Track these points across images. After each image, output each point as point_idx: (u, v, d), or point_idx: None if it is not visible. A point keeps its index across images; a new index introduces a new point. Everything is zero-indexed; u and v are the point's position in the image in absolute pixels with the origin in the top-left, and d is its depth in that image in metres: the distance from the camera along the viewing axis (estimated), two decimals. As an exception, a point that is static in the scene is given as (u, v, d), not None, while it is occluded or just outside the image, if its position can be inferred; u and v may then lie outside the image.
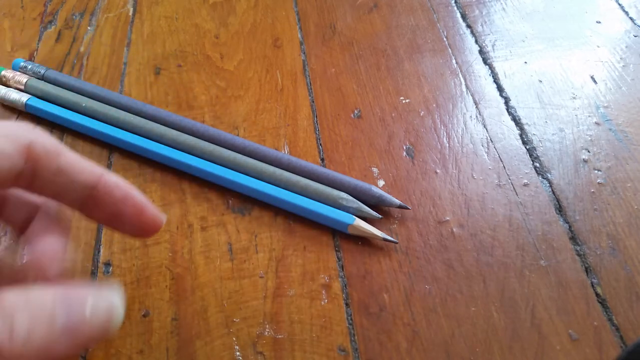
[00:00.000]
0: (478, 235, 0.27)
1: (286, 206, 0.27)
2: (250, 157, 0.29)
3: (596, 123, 0.31)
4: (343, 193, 0.27)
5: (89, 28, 0.40)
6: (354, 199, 0.27)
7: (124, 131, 0.31)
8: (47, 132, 0.32)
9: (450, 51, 0.36)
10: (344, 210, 0.27)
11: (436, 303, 0.24)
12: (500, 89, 0.34)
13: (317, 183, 0.28)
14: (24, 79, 0.33)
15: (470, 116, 0.32)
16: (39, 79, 0.34)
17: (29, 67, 0.34)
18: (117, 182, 0.20)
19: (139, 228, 0.20)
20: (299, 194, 0.27)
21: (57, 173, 0.19)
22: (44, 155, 0.19)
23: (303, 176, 0.28)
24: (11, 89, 0.33)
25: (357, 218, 0.26)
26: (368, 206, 0.27)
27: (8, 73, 0.34)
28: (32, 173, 0.19)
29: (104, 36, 0.39)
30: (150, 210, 0.20)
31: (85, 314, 0.16)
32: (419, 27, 0.38)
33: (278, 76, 0.35)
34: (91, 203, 0.20)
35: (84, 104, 0.32)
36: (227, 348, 0.23)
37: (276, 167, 0.29)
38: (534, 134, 0.31)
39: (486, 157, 0.30)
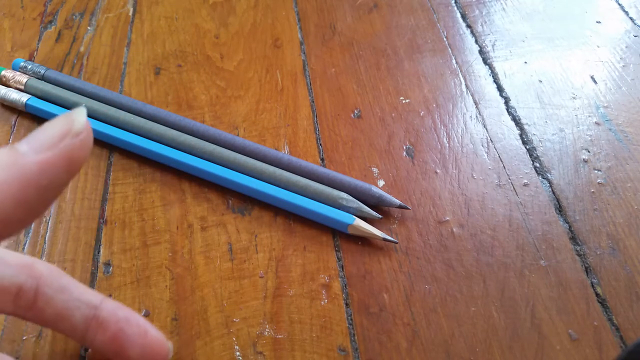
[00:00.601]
0: (478, 235, 0.27)
1: (286, 206, 0.27)
2: (250, 157, 0.29)
3: (596, 123, 0.31)
4: (343, 193, 0.27)
5: (89, 28, 0.40)
6: (354, 199, 0.27)
7: (124, 131, 0.31)
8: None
9: (450, 51, 0.36)
10: (344, 210, 0.27)
11: (436, 303, 0.24)
12: (500, 89, 0.34)
13: (317, 183, 0.28)
14: (24, 79, 0.33)
15: (470, 116, 0.32)
16: (39, 79, 0.34)
17: (29, 67, 0.34)
18: (118, 303, 0.20)
19: (145, 352, 0.20)
20: (299, 194, 0.27)
21: (61, 290, 0.19)
22: (47, 273, 0.19)
23: (303, 176, 0.28)
24: (11, 89, 0.33)
25: (357, 218, 0.26)
26: (368, 206, 0.27)
27: (8, 73, 0.34)
28: (34, 293, 0.19)
29: (104, 36, 0.39)
30: (154, 331, 0.20)
31: (42, 127, 0.16)
32: (419, 27, 0.38)
33: (278, 76, 0.35)
34: (94, 324, 0.19)
35: (83, 104, 0.32)
36: (227, 348, 0.23)
37: (276, 167, 0.29)
38: (534, 134, 0.31)
39: (486, 157, 0.30)
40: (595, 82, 0.34)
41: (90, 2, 0.42)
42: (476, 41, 0.37)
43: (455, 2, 0.40)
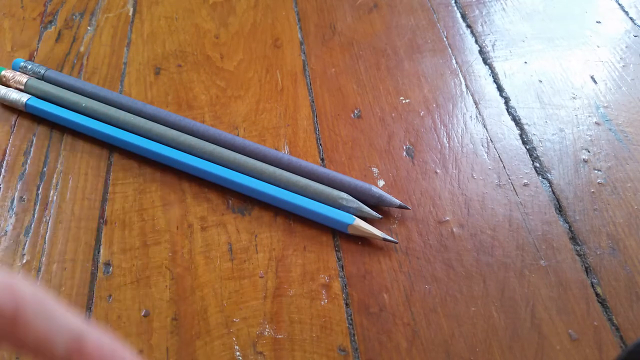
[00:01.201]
0: (478, 235, 0.27)
1: (286, 206, 0.27)
2: (250, 157, 0.29)
3: (596, 123, 0.31)
4: (343, 193, 0.27)
5: (89, 28, 0.40)
6: (354, 199, 0.27)
7: (124, 131, 0.31)
8: (47, 131, 0.32)
9: (450, 51, 0.36)
10: (344, 210, 0.27)
11: (436, 303, 0.24)
12: (500, 89, 0.34)
13: (317, 183, 0.28)
14: (24, 79, 0.33)
15: (470, 116, 0.32)
16: (39, 79, 0.34)
17: (29, 67, 0.34)
18: (105, 335, 0.19)
19: None
20: (299, 194, 0.27)
21: (43, 315, 0.18)
22: (30, 295, 0.18)
23: (303, 176, 0.28)
24: (11, 89, 0.33)
25: (357, 218, 0.26)
26: (368, 206, 0.27)
27: (8, 73, 0.34)
28: (13, 316, 0.17)
29: (104, 36, 0.39)
30: None
31: None
32: (419, 27, 0.38)
33: (278, 76, 0.35)
34: (77, 357, 0.19)
35: (84, 104, 0.32)
36: (227, 348, 0.23)
37: (276, 167, 0.29)
38: (534, 134, 0.31)
39: (486, 157, 0.30)
40: (595, 82, 0.34)
41: (90, 2, 0.42)
42: (476, 41, 0.37)
43: (455, 2, 0.40)
